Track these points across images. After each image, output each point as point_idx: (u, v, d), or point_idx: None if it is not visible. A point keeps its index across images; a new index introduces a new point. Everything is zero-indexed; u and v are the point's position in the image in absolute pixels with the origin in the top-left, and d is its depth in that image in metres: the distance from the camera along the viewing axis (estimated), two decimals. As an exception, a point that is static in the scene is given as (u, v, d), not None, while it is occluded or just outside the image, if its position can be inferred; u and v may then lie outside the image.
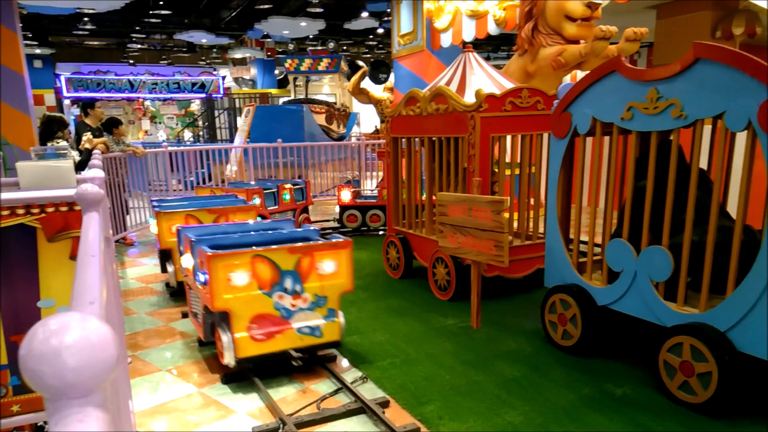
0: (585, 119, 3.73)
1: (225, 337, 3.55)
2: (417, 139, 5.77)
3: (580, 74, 5.88)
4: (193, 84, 23.45)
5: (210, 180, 11.41)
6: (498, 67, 6.16)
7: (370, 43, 21.98)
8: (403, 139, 5.93)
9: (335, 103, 20.06)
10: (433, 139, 5.48)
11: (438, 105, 5.14)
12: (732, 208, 3.31)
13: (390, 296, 5.42)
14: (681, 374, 3.14)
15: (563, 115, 3.90)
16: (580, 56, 5.90)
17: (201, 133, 23.00)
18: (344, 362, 3.99)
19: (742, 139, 3.05)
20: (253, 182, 8.99)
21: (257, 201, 7.29)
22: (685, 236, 3.18)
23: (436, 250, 5.10)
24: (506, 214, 3.95)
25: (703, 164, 3.41)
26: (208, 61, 25.84)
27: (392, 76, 10.91)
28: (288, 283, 3.61)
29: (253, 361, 3.63)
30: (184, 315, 5.01)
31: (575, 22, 5.99)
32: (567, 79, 7.60)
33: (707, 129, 3.46)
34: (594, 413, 3.14)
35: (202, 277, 3.54)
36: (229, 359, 3.54)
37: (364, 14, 15.92)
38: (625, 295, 3.55)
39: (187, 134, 23.95)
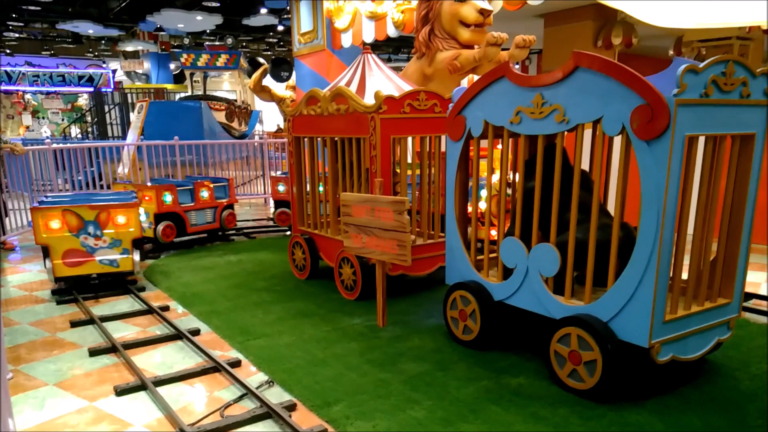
0: (478, 122, 3.88)
1: (48, 264, 5.42)
2: (319, 139, 5.77)
3: (476, 78, 6.11)
4: (80, 77, 21.93)
5: (101, 179, 10.75)
6: (398, 69, 6.27)
7: (271, 40, 21.61)
8: (306, 139, 5.91)
9: (236, 101, 19.52)
10: (335, 139, 5.50)
11: (339, 105, 5.16)
12: (612, 207, 3.59)
13: (296, 298, 5.38)
14: (570, 363, 3.35)
15: (458, 119, 4.03)
16: (474, 61, 6.14)
17: (90, 129, 21.57)
18: (249, 367, 3.93)
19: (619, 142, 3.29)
20: (149, 182, 8.59)
21: (169, 198, 7.00)
22: (570, 234, 3.39)
23: (342, 250, 5.12)
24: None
25: (586, 166, 3.67)
26: (96, 54, 24.25)
27: (294, 73, 10.80)
28: (91, 229, 5.50)
29: (67, 281, 5.57)
30: (74, 324, 4.72)
31: (469, 28, 6.21)
32: (464, 83, 7.89)
33: (588, 133, 3.72)
34: (493, 405, 3.28)
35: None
36: (50, 279, 5.45)
37: (263, 11, 15.60)
38: (518, 290, 3.73)
39: (75, 130, 22.36)
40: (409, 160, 5.55)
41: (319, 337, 4.37)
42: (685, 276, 3.43)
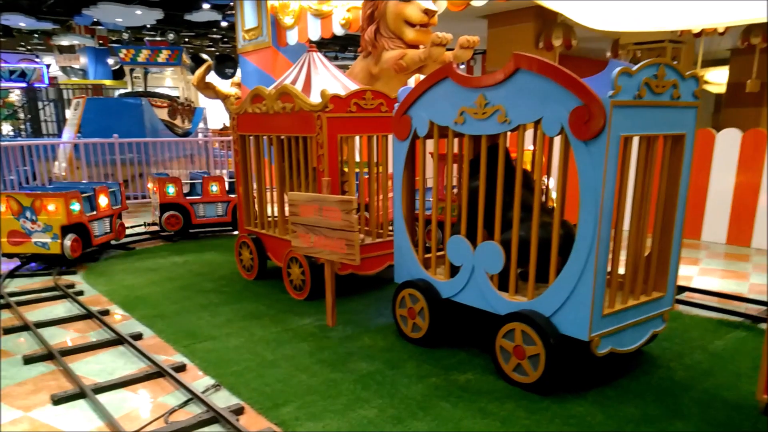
0: (423, 123, 3.91)
1: (-6, 241, 6.09)
2: (265, 138, 5.70)
3: (422, 77, 6.17)
4: (11, 72, 20.82)
5: (35, 179, 10.28)
6: (345, 68, 6.26)
7: (214, 36, 21.14)
8: (251, 137, 5.83)
9: (179, 98, 19.02)
10: (282, 137, 5.44)
11: (284, 104, 5.10)
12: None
13: (244, 299, 5.30)
14: (515, 358, 3.43)
15: (403, 118, 4.06)
16: (419, 60, 6.20)
17: (23, 126, 20.55)
18: (195, 371, 3.85)
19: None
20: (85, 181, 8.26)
21: (76, 207, 6.41)
22: (513, 232, 3.48)
23: (290, 250, 5.08)
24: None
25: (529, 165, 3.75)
26: (29, 48, 23.12)
27: (239, 70, 10.63)
28: (28, 214, 6.25)
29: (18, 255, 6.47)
30: (7, 331, 4.51)
31: (414, 28, 6.26)
32: (411, 82, 7.96)
33: (530, 132, 3.82)
34: (442, 401, 3.32)
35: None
36: None
37: (206, 6, 15.24)
38: (465, 288, 3.79)
39: (6, 127, 21.26)
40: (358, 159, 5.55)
41: (268, 338, 4.33)
42: (622, 271, 3.57)
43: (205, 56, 17.84)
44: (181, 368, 3.83)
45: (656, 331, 3.67)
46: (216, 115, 22.39)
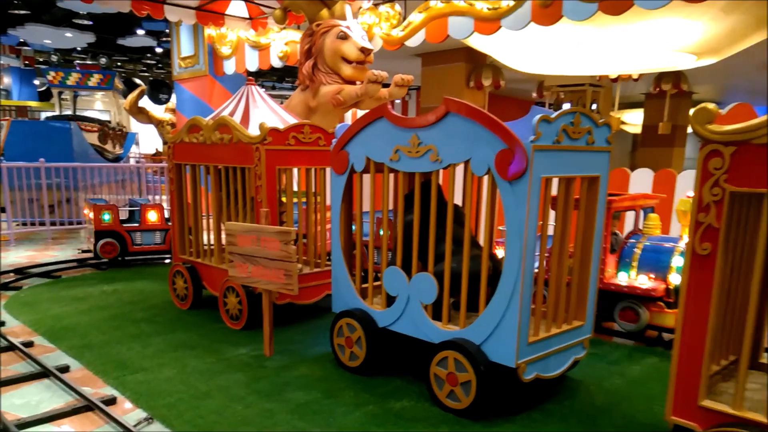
0: (360, 158, 4.08)
1: None
2: (202, 167, 5.72)
3: (360, 112, 6.38)
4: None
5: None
6: (282, 98, 6.38)
7: (149, 61, 20.74)
8: (188, 166, 5.83)
9: (110, 122, 18.49)
10: (219, 167, 5.48)
11: (222, 134, 5.16)
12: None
13: (178, 329, 5.22)
14: (448, 384, 3.58)
15: (341, 153, 4.21)
16: (356, 96, 6.42)
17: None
18: (126, 404, 3.77)
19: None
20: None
21: None
22: (446, 264, 3.66)
23: (227, 279, 5.08)
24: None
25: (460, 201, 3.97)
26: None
27: (174, 96, 10.53)
28: None
29: None
30: None
31: (351, 65, 6.49)
32: (348, 116, 8.17)
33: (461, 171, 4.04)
34: (378, 429, 3.40)
35: None
36: None
37: (140, 32, 15.01)
38: (401, 317, 3.93)
39: None
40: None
41: (202, 369, 4.29)
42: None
43: (138, 81, 17.47)
44: (111, 401, 3.74)
45: (578, 357, 3.91)
46: (149, 140, 21.86)
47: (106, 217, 7.66)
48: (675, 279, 4.83)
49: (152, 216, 7.94)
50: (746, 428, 2.52)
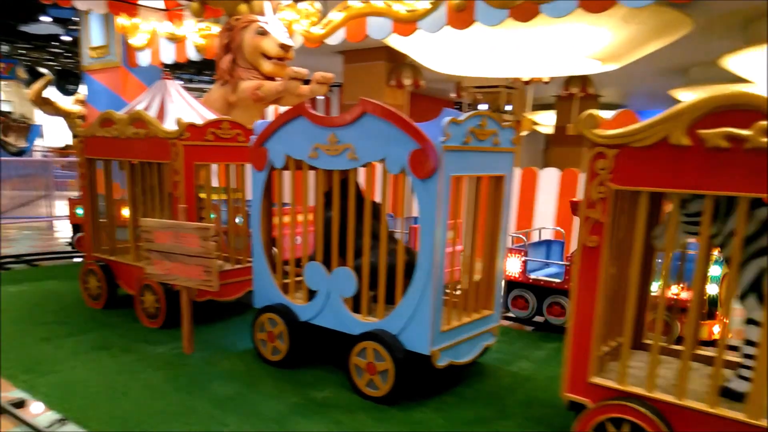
0: (279, 156, 4.14)
1: None
2: (117, 162, 5.58)
3: (282, 109, 6.43)
4: None
5: None
6: (200, 91, 6.32)
7: (55, 50, 19.52)
8: (101, 161, 5.66)
9: (12, 113, 17.31)
10: (134, 162, 5.38)
11: (137, 129, 5.05)
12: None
13: (92, 329, 5.07)
14: (367, 373, 3.74)
15: (260, 150, 4.25)
16: (276, 92, 6.44)
17: None
18: (37, 406, 3.66)
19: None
20: None
21: None
22: (364, 258, 3.82)
23: (144, 276, 5.00)
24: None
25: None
26: None
27: (84, 88, 10.06)
28: None
29: None
30: None
31: (270, 61, 6.51)
32: (270, 111, 8.16)
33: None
34: (299, 418, 3.52)
35: None
36: None
37: (46, 19, 14.11)
38: (322, 311, 4.05)
39: None
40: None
41: (119, 368, 4.22)
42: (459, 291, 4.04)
43: (43, 70, 16.47)
44: (20, 404, 3.62)
45: (487, 344, 4.19)
46: (57, 133, 20.63)
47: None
48: (711, 289, 4.38)
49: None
50: (630, 401, 2.82)
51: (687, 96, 12.15)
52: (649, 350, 2.90)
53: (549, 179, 7.85)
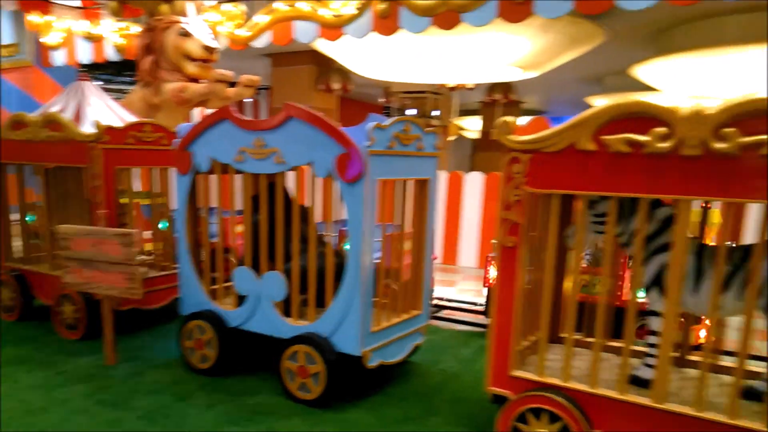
0: (204, 159, 4.10)
1: None
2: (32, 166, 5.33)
3: (208, 111, 6.33)
4: None
5: None
6: (120, 92, 6.14)
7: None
8: (11, 165, 5.39)
9: None
10: (49, 167, 5.14)
11: (52, 132, 4.83)
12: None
13: (5, 343, 4.78)
14: (299, 377, 3.75)
15: (184, 154, 4.18)
16: (202, 95, 6.34)
17: None
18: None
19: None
20: None
21: None
22: (293, 262, 3.84)
23: (62, 286, 4.79)
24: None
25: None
26: None
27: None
28: None
29: None
30: None
31: (194, 62, 6.40)
32: (197, 114, 8.01)
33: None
34: (231, 425, 3.48)
35: None
36: None
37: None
38: (252, 316, 4.03)
39: None
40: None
41: (36, 383, 4.03)
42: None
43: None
44: None
45: (417, 343, 4.30)
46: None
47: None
48: None
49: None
50: (547, 391, 2.99)
51: (602, 103, 12.86)
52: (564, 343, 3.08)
53: (474, 183, 8.13)
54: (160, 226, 5.43)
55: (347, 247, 3.65)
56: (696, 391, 2.71)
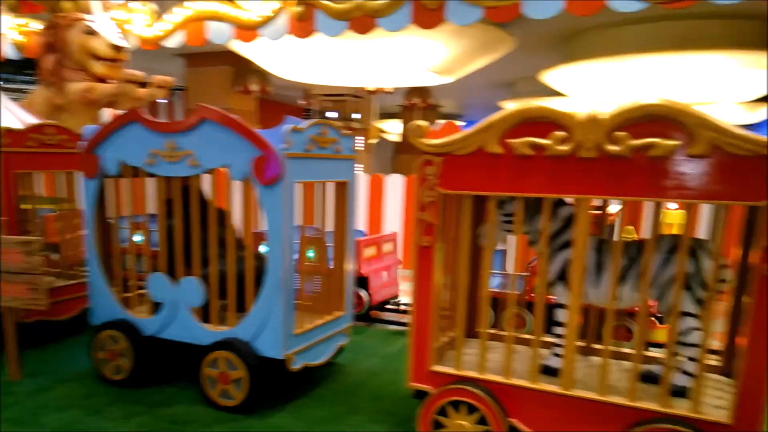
0: (113, 162, 3.96)
1: None
2: None
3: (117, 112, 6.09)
4: None
5: None
6: (19, 92, 5.79)
7: None
8: None
9: None
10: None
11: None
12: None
13: None
14: (220, 384, 3.69)
15: (90, 157, 4.03)
16: (110, 95, 6.09)
17: None
18: None
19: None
20: None
21: None
22: (211, 267, 3.77)
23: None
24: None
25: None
26: None
27: None
28: None
29: None
30: None
31: (101, 62, 6.14)
32: (106, 114, 7.66)
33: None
34: (149, 438, 3.41)
35: None
36: None
37: None
38: (168, 323, 3.92)
39: None
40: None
41: (-70, 408, 3.74)
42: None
43: None
44: None
45: (341, 344, 4.34)
46: None
47: None
48: None
49: None
50: (465, 384, 3.12)
51: (512, 107, 13.42)
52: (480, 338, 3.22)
53: (395, 185, 8.28)
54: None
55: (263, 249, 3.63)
56: (600, 377, 2.91)
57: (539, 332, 3.08)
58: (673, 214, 5.52)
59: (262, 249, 4.29)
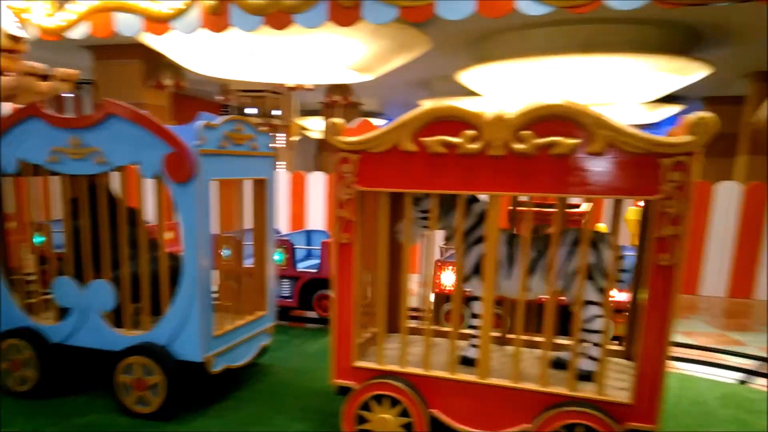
0: (10, 160, 3.74)
1: None
2: None
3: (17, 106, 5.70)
4: None
5: None
6: None
7: None
8: None
9: None
10: None
11: None
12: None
13: None
14: (136, 390, 3.56)
15: (-14, 154, 3.79)
16: (8, 89, 5.72)
17: None
18: None
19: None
20: None
21: None
22: (123, 269, 3.64)
23: None
24: None
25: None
26: None
27: None
28: None
29: None
30: None
31: None
32: (5, 108, 7.15)
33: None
34: (56, 451, 3.24)
35: None
36: None
37: None
38: (78, 329, 3.75)
39: None
40: None
41: None
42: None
43: None
44: None
45: (264, 344, 4.29)
46: None
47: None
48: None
49: None
50: (387, 378, 3.17)
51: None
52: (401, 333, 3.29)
53: (317, 182, 8.27)
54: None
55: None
56: (513, 366, 3.05)
57: (456, 324, 3.18)
58: (633, 210, 5.83)
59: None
